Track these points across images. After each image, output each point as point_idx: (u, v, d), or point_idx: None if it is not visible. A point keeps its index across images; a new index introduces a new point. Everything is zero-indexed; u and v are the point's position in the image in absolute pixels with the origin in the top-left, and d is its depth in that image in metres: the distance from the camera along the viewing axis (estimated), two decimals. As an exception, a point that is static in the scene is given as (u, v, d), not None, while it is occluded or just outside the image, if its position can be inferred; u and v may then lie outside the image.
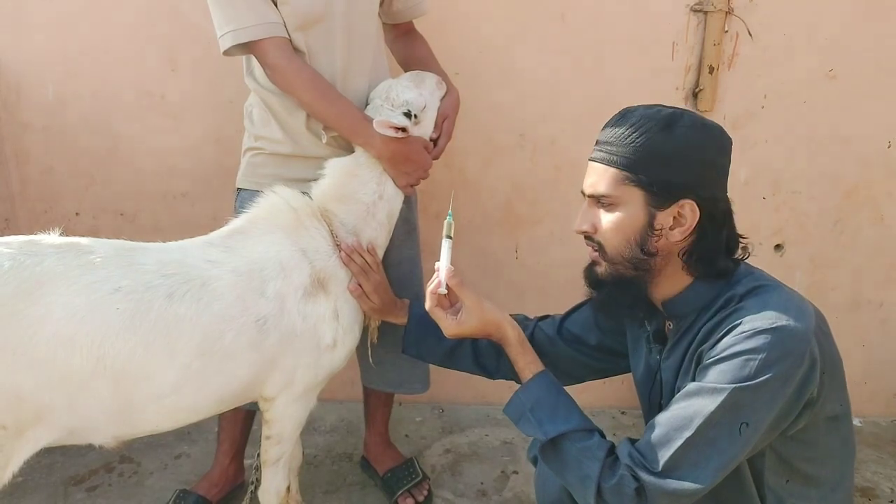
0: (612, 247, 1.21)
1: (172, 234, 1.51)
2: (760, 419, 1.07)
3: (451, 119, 1.74)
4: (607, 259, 1.23)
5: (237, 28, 1.57)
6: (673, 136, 1.15)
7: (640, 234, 1.18)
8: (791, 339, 1.06)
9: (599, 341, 1.52)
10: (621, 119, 1.20)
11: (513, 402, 1.30)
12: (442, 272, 1.37)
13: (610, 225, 1.20)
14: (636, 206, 1.18)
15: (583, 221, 1.25)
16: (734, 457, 1.09)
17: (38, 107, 2.33)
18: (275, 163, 1.76)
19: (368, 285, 1.56)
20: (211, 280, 1.37)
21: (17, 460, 1.24)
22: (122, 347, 1.24)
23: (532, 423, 1.24)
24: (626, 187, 1.17)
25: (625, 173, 1.17)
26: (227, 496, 2.02)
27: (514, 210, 2.39)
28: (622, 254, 1.20)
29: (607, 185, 1.19)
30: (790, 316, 1.08)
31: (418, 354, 1.67)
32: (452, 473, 2.21)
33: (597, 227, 1.22)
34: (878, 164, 2.29)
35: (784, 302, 1.12)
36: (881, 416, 2.54)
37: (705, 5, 2.14)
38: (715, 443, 1.08)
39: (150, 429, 1.39)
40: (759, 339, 1.07)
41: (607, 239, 1.21)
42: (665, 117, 1.16)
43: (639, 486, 1.09)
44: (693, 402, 1.10)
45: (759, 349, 1.06)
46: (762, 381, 1.05)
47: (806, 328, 1.08)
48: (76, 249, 1.27)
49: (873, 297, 2.44)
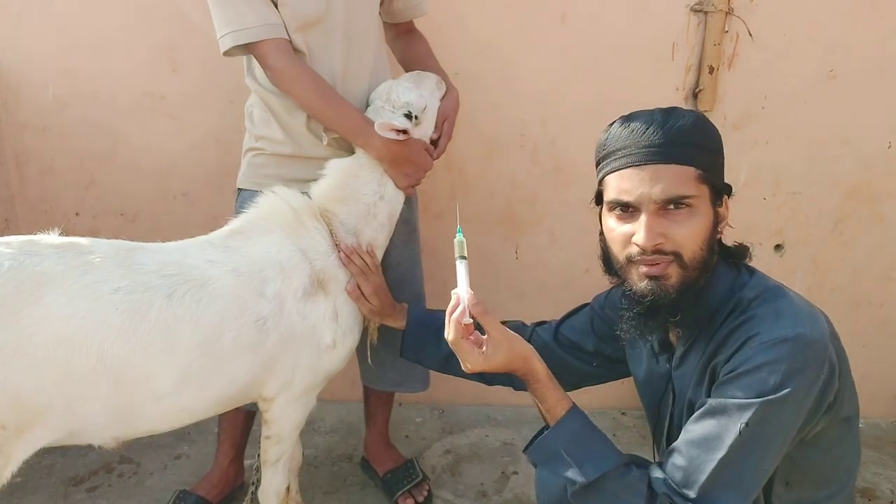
0: (691, 252, 1.11)
1: (172, 234, 1.51)
2: (789, 430, 1.06)
3: (452, 119, 1.74)
4: (684, 267, 1.12)
5: (237, 29, 1.57)
6: (711, 128, 1.16)
7: (712, 234, 1.14)
8: (811, 348, 1.05)
9: (596, 347, 1.51)
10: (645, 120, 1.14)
11: (543, 443, 1.21)
12: (463, 298, 1.21)
13: (690, 229, 1.10)
14: (706, 204, 1.13)
15: (654, 235, 1.10)
16: (767, 471, 1.08)
17: (37, 107, 2.33)
18: (275, 163, 1.76)
19: (368, 287, 1.56)
20: (210, 280, 1.36)
21: (16, 460, 1.24)
22: (122, 347, 1.24)
23: (568, 465, 1.15)
24: (700, 185, 1.11)
25: (697, 171, 1.10)
26: (227, 497, 2.02)
27: (514, 210, 2.39)
28: (699, 258, 1.12)
29: (685, 184, 1.10)
30: (806, 324, 1.07)
31: (416, 359, 1.67)
32: (452, 474, 2.21)
33: (667, 235, 1.11)
34: (878, 164, 2.29)
35: (796, 309, 1.11)
36: (882, 417, 2.54)
37: (705, 5, 2.14)
38: (747, 460, 1.06)
39: (150, 429, 1.39)
40: (780, 350, 1.04)
41: (687, 245, 1.11)
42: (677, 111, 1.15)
43: None
44: (720, 420, 1.06)
45: (780, 360, 1.04)
46: (788, 393, 1.03)
47: (822, 334, 1.08)
48: (76, 249, 1.27)
49: (873, 297, 2.44)
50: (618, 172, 1.15)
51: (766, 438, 1.05)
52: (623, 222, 1.16)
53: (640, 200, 1.12)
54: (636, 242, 1.12)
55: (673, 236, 1.10)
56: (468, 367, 1.24)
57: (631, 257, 1.15)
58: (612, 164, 1.17)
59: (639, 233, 1.11)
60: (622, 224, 1.16)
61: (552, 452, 1.18)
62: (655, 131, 1.11)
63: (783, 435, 1.06)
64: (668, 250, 1.11)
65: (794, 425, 1.07)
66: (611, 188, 1.17)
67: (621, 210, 1.16)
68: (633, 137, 1.14)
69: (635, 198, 1.12)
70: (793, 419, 1.06)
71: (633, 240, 1.13)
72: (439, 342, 1.53)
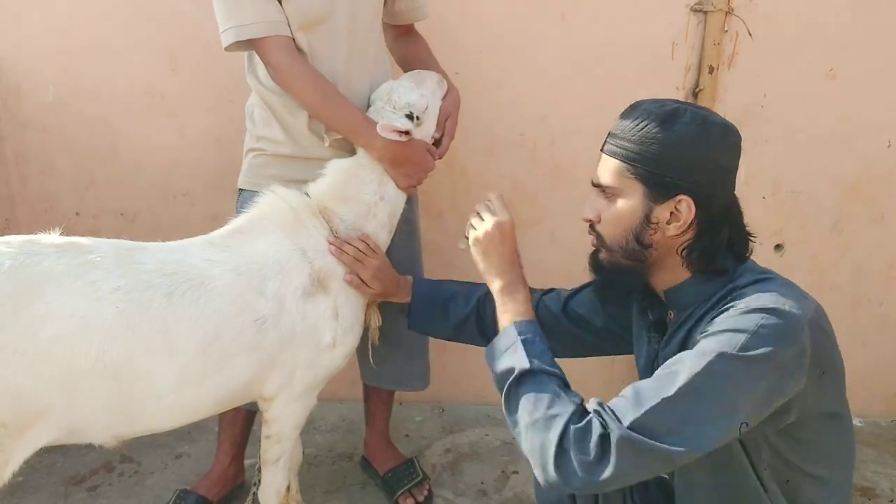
0: (609, 236, 1.24)
1: (172, 234, 1.51)
2: (742, 395, 1.04)
3: (454, 118, 1.74)
4: (605, 247, 1.26)
5: (239, 24, 1.56)
6: (671, 132, 1.15)
7: (638, 227, 1.20)
8: (784, 323, 1.06)
9: (605, 324, 1.53)
10: (630, 112, 1.22)
11: (505, 335, 1.26)
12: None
13: (609, 215, 1.23)
14: (635, 198, 1.19)
15: (589, 210, 1.27)
16: (711, 433, 1.04)
17: (38, 107, 2.33)
18: (276, 164, 1.76)
19: (366, 273, 1.56)
20: (210, 279, 1.37)
21: (17, 459, 1.24)
22: (122, 346, 1.24)
23: (521, 353, 1.20)
24: (627, 180, 1.19)
25: (626, 165, 1.19)
26: (228, 496, 2.02)
27: (515, 210, 2.36)
28: (619, 244, 1.23)
29: (610, 176, 1.22)
30: (788, 302, 1.08)
31: (425, 331, 1.70)
32: (453, 473, 2.21)
33: (600, 216, 1.25)
34: (878, 164, 2.29)
35: (784, 290, 1.12)
36: (881, 416, 2.54)
37: (705, 5, 2.14)
38: (692, 408, 1.04)
39: (150, 428, 1.39)
40: (752, 318, 1.06)
41: (606, 229, 1.24)
42: (667, 113, 1.17)
43: (604, 434, 1.05)
44: (675, 367, 1.07)
45: (749, 326, 1.05)
46: (749, 356, 1.03)
47: (801, 316, 1.07)
48: (76, 249, 1.27)
49: (873, 296, 2.44)
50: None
51: (718, 393, 1.04)
52: None
53: (592, 180, 1.27)
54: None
55: (601, 218, 1.25)
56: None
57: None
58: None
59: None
60: None
61: (511, 342, 1.23)
62: (625, 125, 1.21)
63: (737, 397, 1.04)
64: (595, 229, 1.27)
65: (749, 392, 1.04)
66: None
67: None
68: (615, 125, 1.25)
69: (592, 178, 1.27)
70: (749, 385, 1.04)
71: None
72: (447, 313, 1.61)
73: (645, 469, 1.05)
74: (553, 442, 1.07)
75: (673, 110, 1.17)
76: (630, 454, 1.02)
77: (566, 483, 1.06)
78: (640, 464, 1.04)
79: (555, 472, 1.06)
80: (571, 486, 1.07)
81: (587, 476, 1.04)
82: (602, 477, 1.03)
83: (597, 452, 1.04)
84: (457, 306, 1.62)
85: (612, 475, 1.03)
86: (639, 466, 1.04)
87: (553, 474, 1.06)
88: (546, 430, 1.10)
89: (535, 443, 1.11)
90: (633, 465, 1.03)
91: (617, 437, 1.03)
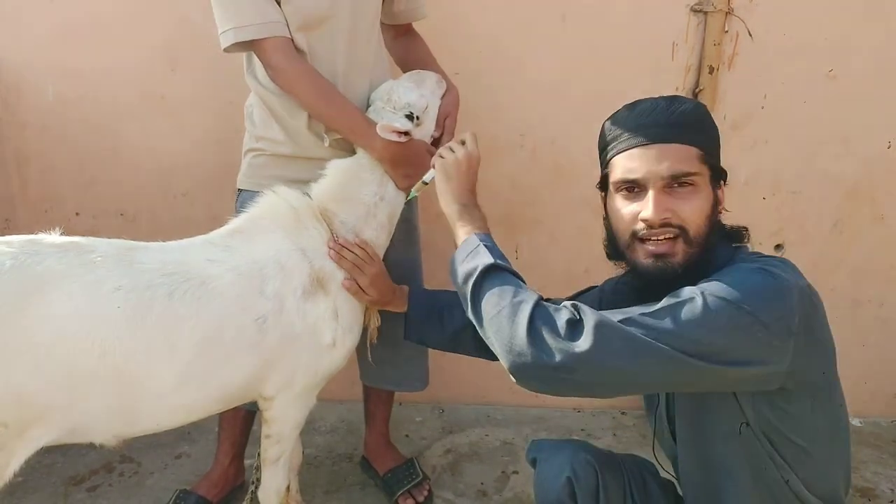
0: (696, 227, 1.16)
1: (172, 234, 1.51)
2: (715, 336, 1.04)
3: (453, 116, 1.74)
4: (689, 242, 1.16)
5: (239, 26, 1.56)
6: (709, 116, 1.22)
7: (713, 213, 1.18)
8: (772, 284, 1.07)
9: None
10: (635, 106, 1.22)
11: (466, 244, 1.27)
12: None
13: (695, 204, 1.16)
14: (707, 184, 1.18)
15: (662, 209, 1.15)
16: (679, 363, 1.03)
17: (38, 107, 2.33)
18: (276, 164, 1.76)
19: (364, 279, 1.56)
20: (211, 279, 1.37)
21: (18, 459, 1.24)
22: (123, 346, 1.24)
23: (484, 253, 1.21)
24: (701, 164, 1.17)
25: (700, 151, 1.16)
26: (228, 496, 2.02)
27: (514, 210, 2.39)
28: (703, 234, 1.16)
29: (689, 162, 1.16)
30: (781, 269, 1.10)
31: (420, 340, 1.68)
32: (452, 473, 2.21)
33: (673, 210, 1.15)
34: (878, 164, 2.29)
35: (779, 261, 1.14)
36: (881, 416, 2.54)
37: (705, 5, 2.14)
38: (666, 331, 1.03)
39: (151, 427, 1.39)
40: (741, 272, 1.09)
41: (692, 220, 1.15)
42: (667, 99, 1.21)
43: (574, 319, 1.05)
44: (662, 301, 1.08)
45: (738, 280, 1.07)
46: (730, 302, 1.04)
47: (792, 280, 1.09)
48: (77, 249, 1.27)
49: (873, 297, 2.44)
50: (626, 153, 1.20)
51: (692, 326, 1.03)
52: (629, 202, 1.20)
53: (647, 178, 1.16)
54: (644, 218, 1.16)
55: (679, 212, 1.15)
56: None
57: (637, 233, 1.18)
58: (619, 146, 1.22)
59: (647, 208, 1.16)
60: (629, 203, 1.20)
61: (473, 247, 1.24)
62: (661, 114, 1.18)
63: (710, 336, 1.03)
64: (675, 224, 1.15)
65: (724, 339, 1.03)
66: (618, 168, 1.22)
67: (627, 190, 1.20)
68: (640, 120, 1.20)
69: (642, 175, 1.17)
70: (724, 330, 1.03)
71: (641, 216, 1.17)
72: (443, 323, 1.59)
73: (619, 359, 1.03)
74: (523, 324, 1.06)
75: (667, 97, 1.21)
76: (606, 336, 1.03)
77: (539, 353, 1.04)
78: (615, 350, 1.03)
79: (528, 343, 1.04)
80: (544, 358, 1.03)
81: (563, 345, 1.03)
82: (578, 348, 1.02)
83: (567, 330, 1.04)
84: (453, 316, 1.60)
85: (590, 350, 1.01)
86: (614, 353, 1.03)
87: (525, 348, 1.04)
88: (514, 314, 1.09)
89: (502, 327, 1.09)
90: (608, 348, 1.02)
91: (593, 322, 1.03)
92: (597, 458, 1.37)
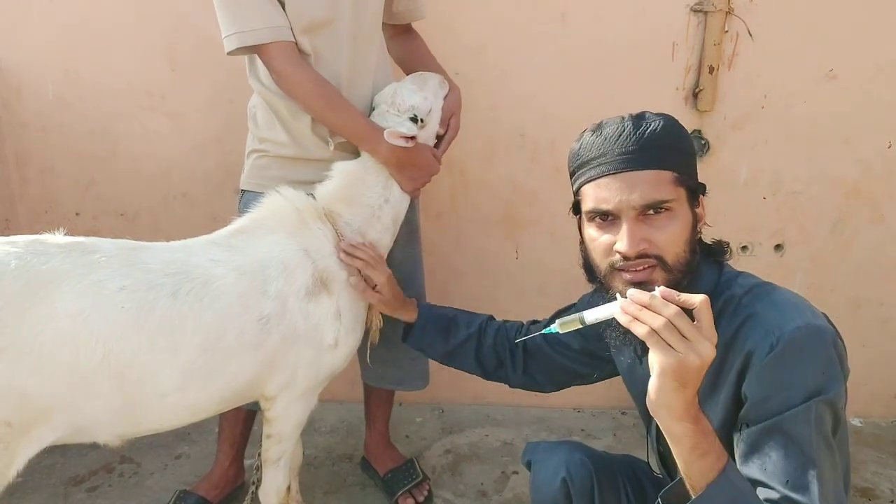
0: (674, 255, 1.10)
1: (172, 235, 1.51)
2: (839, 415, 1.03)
3: (457, 116, 1.75)
4: (668, 270, 1.10)
5: (242, 30, 1.56)
6: (681, 130, 1.16)
7: (692, 235, 1.13)
8: (823, 335, 1.04)
9: (582, 346, 1.52)
10: (600, 129, 1.16)
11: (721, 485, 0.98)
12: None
13: (671, 232, 1.10)
14: (684, 206, 1.13)
15: (636, 241, 1.09)
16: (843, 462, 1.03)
17: (38, 107, 2.33)
18: (279, 165, 1.76)
19: (381, 277, 1.56)
20: (214, 279, 1.37)
21: (22, 458, 1.24)
22: (127, 346, 1.24)
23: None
24: (677, 188, 1.11)
25: (673, 174, 1.11)
26: (228, 497, 2.02)
27: (514, 210, 2.39)
28: (683, 260, 1.11)
29: (662, 188, 1.10)
30: (807, 314, 1.06)
31: (419, 348, 1.69)
32: (452, 474, 2.21)
33: (649, 240, 1.10)
34: (878, 164, 2.29)
35: (794, 300, 1.10)
36: (881, 417, 2.54)
37: (705, 5, 2.14)
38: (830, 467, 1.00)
39: (154, 427, 1.39)
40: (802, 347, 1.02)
41: (669, 248, 1.10)
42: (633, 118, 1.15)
43: None
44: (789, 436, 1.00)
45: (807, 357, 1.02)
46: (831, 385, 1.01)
47: (824, 322, 1.07)
48: (81, 249, 1.28)
49: (873, 296, 2.44)
50: (594, 182, 1.15)
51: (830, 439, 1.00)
52: (603, 231, 1.15)
53: (619, 208, 1.11)
54: (618, 250, 1.11)
55: (655, 241, 1.10)
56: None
57: (614, 265, 1.13)
58: (587, 174, 1.16)
59: (621, 240, 1.11)
60: (602, 233, 1.15)
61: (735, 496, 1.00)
62: (628, 138, 1.11)
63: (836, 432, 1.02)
64: (652, 254, 1.10)
65: (840, 417, 1.02)
66: (588, 198, 1.16)
67: (601, 219, 1.15)
68: (607, 145, 1.14)
69: (614, 206, 1.11)
70: (841, 399, 1.02)
71: (616, 248, 1.12)
72: (447, 336, 1.60)
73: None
74: None
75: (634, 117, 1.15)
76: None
77: None
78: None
79: None
80: None
81: None
82: None
83: None
84: (458, 330, 1.62)
85: None
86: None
87: None
88: None
89: None
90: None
91: None
92: (591, 459, 1.37)
